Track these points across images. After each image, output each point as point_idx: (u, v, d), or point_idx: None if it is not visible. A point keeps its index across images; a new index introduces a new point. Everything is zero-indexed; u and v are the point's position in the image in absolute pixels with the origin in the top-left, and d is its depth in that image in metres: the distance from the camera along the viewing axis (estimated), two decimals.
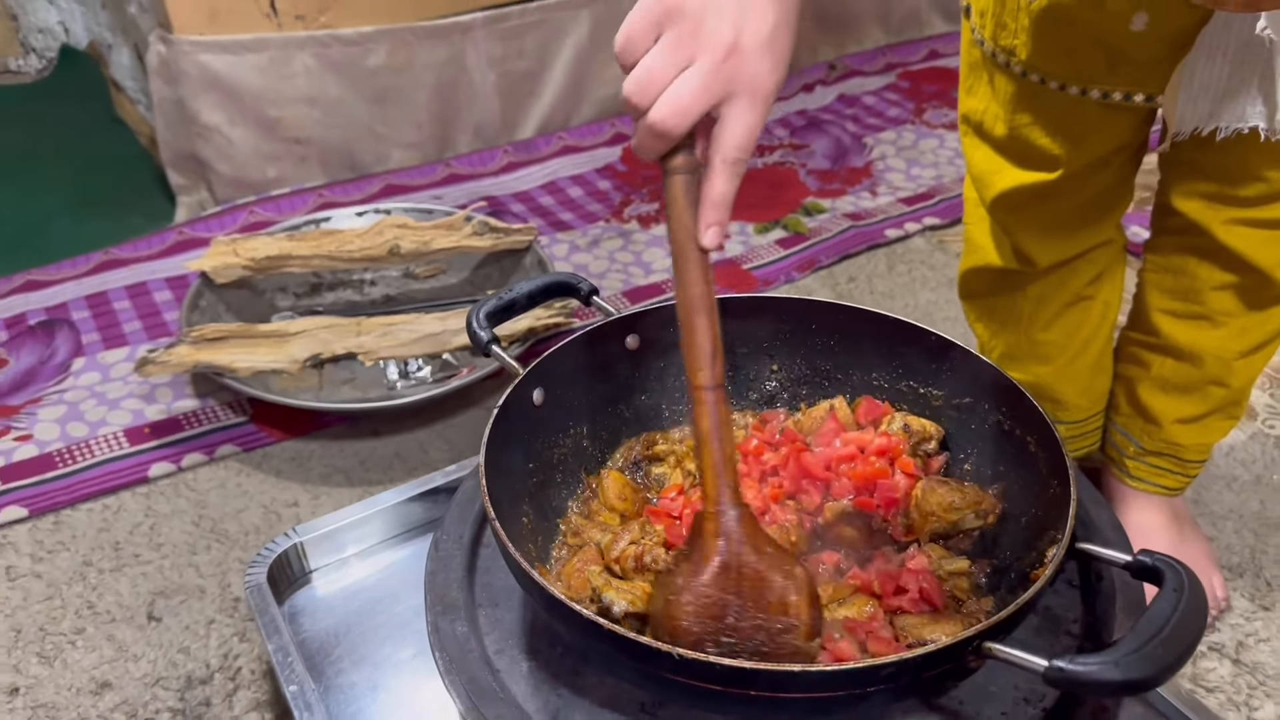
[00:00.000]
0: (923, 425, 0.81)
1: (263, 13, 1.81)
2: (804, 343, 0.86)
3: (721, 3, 0.63)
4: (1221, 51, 0.92)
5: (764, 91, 0.65)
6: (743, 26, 0.63)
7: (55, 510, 1.33)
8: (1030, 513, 0.72)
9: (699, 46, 0.63)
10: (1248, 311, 1.07)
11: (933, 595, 0.67)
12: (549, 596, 0.60)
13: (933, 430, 0.80)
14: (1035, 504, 0.71)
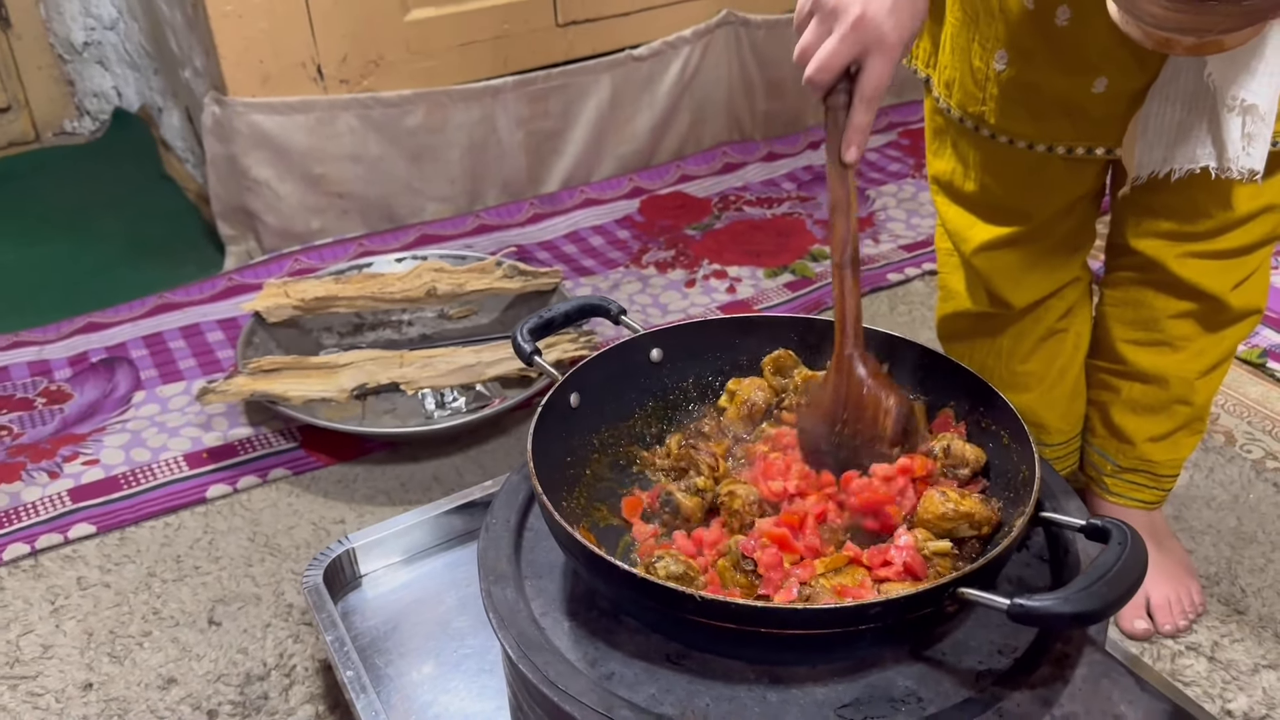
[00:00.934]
0: (963, 451, 0.87)
1: (310, 77, 1.96)
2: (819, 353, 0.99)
3: None
4: (1172, 100, 1.03)
5: (889, 46, 0.84)
6: (866, 3, 0.83)
7: (121, 527, 1.44)
8: (1005, 495, 0.82)
9: (835, 20, 0.84)
10: (1204, 335, 1.18)
11: (915, 568, 0.78)
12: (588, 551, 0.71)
13: (971, 458, 0.87)
14: (1009, 487, 0.82)
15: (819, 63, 0.85)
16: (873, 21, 0.83)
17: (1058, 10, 1.00)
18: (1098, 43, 1.00)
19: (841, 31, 0.83)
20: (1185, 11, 0.79)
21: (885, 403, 0.87)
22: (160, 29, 2.26)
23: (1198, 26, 0.82)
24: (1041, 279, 1.21)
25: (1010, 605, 0.65)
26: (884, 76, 0.85)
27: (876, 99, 0.86)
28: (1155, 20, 0.83)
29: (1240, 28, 0.82)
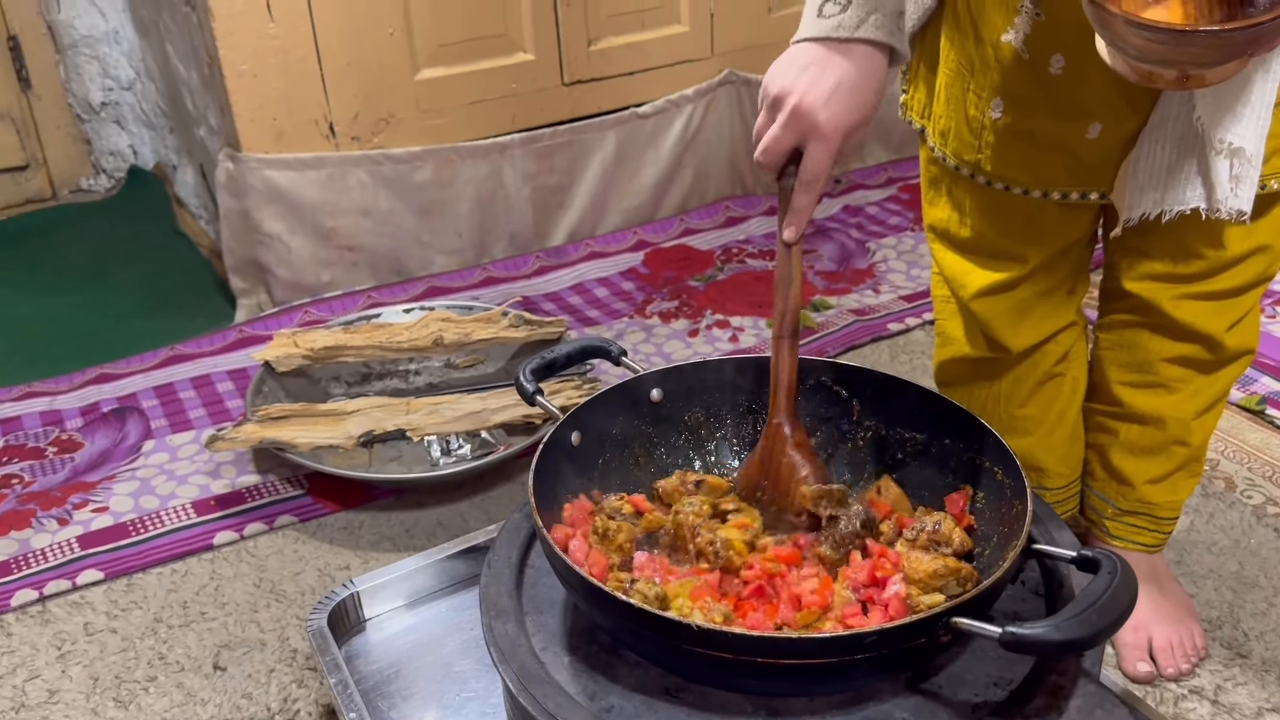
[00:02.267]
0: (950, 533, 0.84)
1: (322, 134, 2.01)
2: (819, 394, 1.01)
3: (791, 80, 0.90)
4: (1162, 144, 1.06)
5: (825, 136, 0.90)
6: (802, 93, 0.88)
7: (129, 574, 1.46)
8: (999, 530, 0.84)
9: (778, 109, 0.91)
10: (1200, 375, 1.20)
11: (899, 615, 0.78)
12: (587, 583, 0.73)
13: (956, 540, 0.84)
14: (1003, 522, 0.83)
15: (763, 147, 0.91)
16: (808, 112, 0.88)
17: (1052, 58, 1.03)
18: (1091, 89, 1.03)
19: (782, 120, 0.89)
20: (1166, 43, 0.82)
21: (799, 473, 0.91)
22: (176, 89, 2.32)
23: (1179, 59, 0.85)
24: (1038, 323, 1.23)
25: (1002, 633, 0.66)
26: (821, 163, 0.90)
27: (815, 183, 0.91)
28: (1139, 53, 0.86)
29: (1220, 61, 0.85)
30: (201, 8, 1.89)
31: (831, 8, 0.90)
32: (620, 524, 0.87)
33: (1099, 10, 0.84)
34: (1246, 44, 0.82)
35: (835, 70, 0.89)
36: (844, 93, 0.89)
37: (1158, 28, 0.82)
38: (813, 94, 0.88)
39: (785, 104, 0.90)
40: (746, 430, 1.02)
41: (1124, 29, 0.83)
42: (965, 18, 1.08)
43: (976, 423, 0.90)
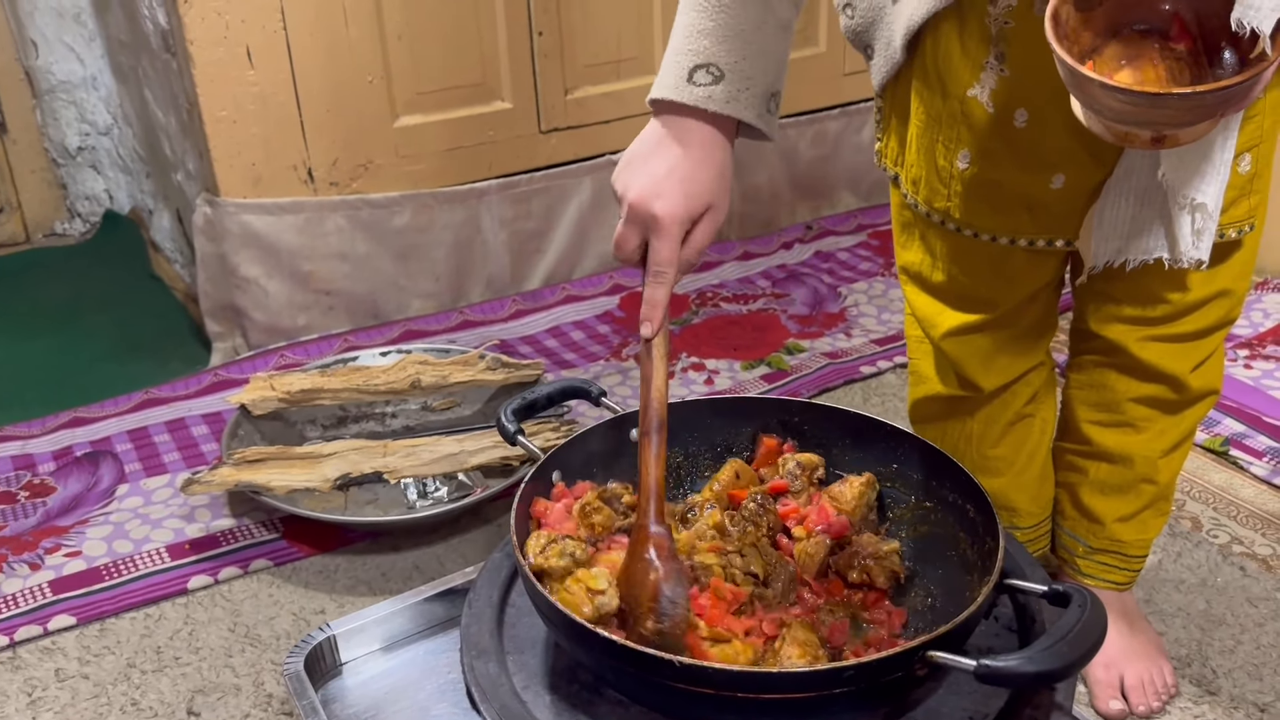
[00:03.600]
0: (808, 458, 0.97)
1: (301, 179, 2.03)
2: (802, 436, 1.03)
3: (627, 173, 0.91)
4: (1126, 196, 1.09)
5: (663, 228, 0.88)
6: (636, 187, 0.89)
7: (101, 619, 1.44)
8: (975, 564, 0.85)
9: (620, 206, 0.92)
10: (1165, 416, 1.23)
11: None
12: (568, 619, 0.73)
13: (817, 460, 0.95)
14: (976, 555, 0.85)
15: (615, 243, 0.93)
16: (641, 207, 0.88)
17: (1016, 112, 1.07)
18: (1055, 142, 1.07)
19: (623, 218, 0.91)
20: (1141, 105, 0.86)
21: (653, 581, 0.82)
22: (154, 134, 2.33)
23: (1153, 120, 0.89)
24: (1009, 363, 1.26)
25: (977, 666, 0.67)
26: (663, 254, 0.89)
27: (664, 274, 0.91)
28: (1114, 114, 0.89)
29: (1193, 122, 0.89)
30: (182, 54, 1.91)
31: (703, 76, 0.88)
32: (601, 506, 0.89)
33: (1074, 74, 0.87)
34: (1218, 105, 0.86)
35: (668, 157, 0.88)
36: (677, 180, 0.88)
37: (1132, 91, 0.86)
38: (648, 188, 0.88)
39: (624, 200, 0.90)
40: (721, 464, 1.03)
41: (1099, 93, 0.87)
42: (933, 73, 1.11)
43: (948, 460, 0.92)
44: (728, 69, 0.88)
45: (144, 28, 2.07)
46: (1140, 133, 0.90)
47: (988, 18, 1.04)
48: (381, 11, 1.99)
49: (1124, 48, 0.92)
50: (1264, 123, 1.08)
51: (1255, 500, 1.62)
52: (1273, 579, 1.46)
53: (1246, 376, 1.90)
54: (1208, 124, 0.91)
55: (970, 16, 1.05)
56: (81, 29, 2.54)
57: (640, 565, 0.83)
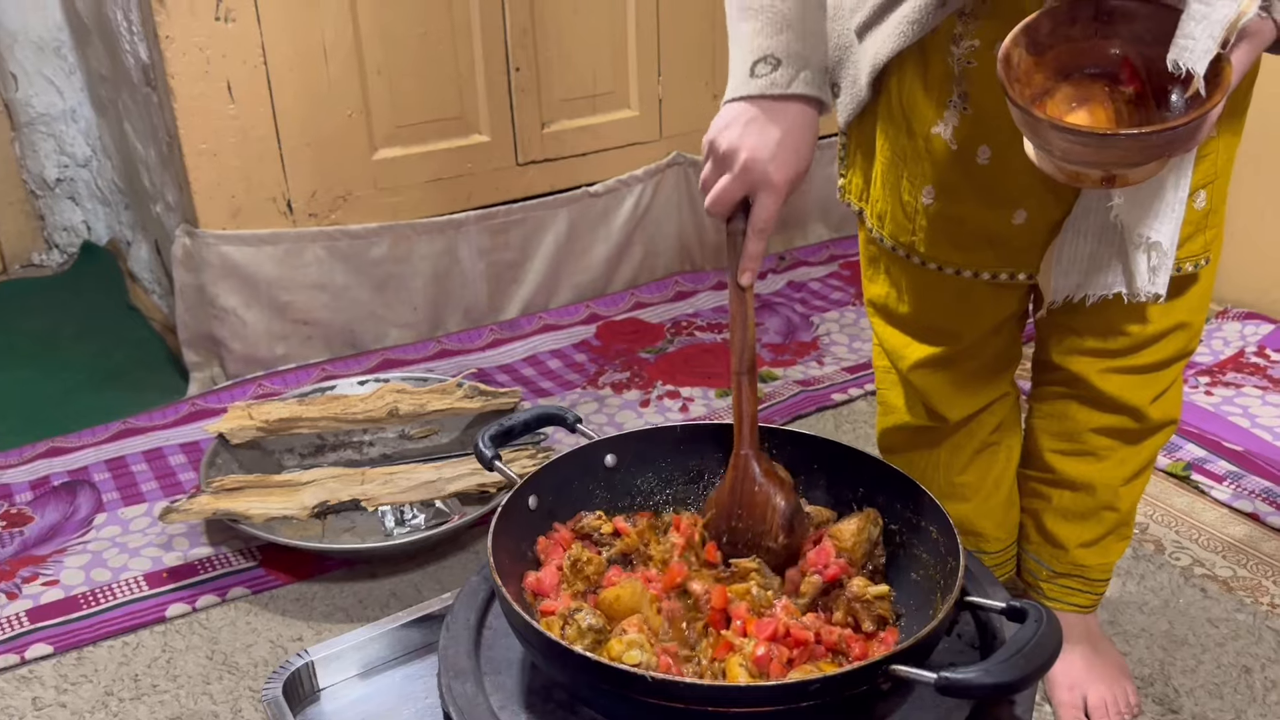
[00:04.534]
0: (819, 512, 1.01)
1: (280, 211, 2.06)
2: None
3: (735, 135, 0.96)
4: (1084, 234, 1.13)
5: (774, 185, 0.96)
6: (750, 148, 0.95)
7: (79, 647, 1.45)
8: (938, 583, 0.88)
9: (727, 164, 0.96)
10: (1125, 445, 1.26)
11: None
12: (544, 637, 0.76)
13: (828, 514, 1.00)
14: (940, 574, 0.88)
15: (714, 197, 0.97)
16: (758, 164, 0.94)
17: (979, 150, 1.11)
18: (1016, 179, 1.10)
19: (730, 175, 0.95)
20: (1090, 146, 0.90)
21: (774, 500, 0.95)
22: (133, 166, 2.35)
23: (1103, 160, 0.93)
24: (974, 394, 1.29)
25: (938, 679, 0.70)
26: (772, 210, 0.96)
27: (767, 229, 0.97)
28: (1064, 154, 0.93)
29: (1141, 162, 0.93)
30: (163, 88, 1.94)
31: (763, 68, 0.96)
32: (591, 556, 0.91)
33: (1027, 116, 0.91)
34: (1164, 146, 0.90)
35: (776, 125, 0.95)
36: (787, 145, 0.95)
37: (1081, 131, 0.90)
38: (760, 148, 0.94)
39: (736, 158, 0.95)
40: (696, 493, 1.06)
41: (1050, 133, 0.91)
42: (898, 110, 1.15)
43: (912, 484, 0.95)
44: (784, 56, 0.95)
45: (125, 62, 2.10)
46: (1090, 172, 0.94)
47: (950, 58, 1.08)
48: (361, 47, 2.03)
49: (1075, 90, 0.97)
50: (1218, 160, 1.12)
51: (1216, 524, 1.66)
52: (1233, 600, 1.50)
53: (1207, 403, 1.95)
54: (1156, 164, 0.95)
55: (934, 56, 1.10)
56: (61, 62, 2.56)
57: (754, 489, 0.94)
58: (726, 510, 1.00)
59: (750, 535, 0.97)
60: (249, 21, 1.91)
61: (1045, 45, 0.95)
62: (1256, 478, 1.72)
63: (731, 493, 0.99)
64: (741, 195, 0.97)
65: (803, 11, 0.96)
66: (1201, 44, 0.86)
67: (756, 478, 0.97)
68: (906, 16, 1.09)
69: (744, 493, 0.97)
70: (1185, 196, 1.07)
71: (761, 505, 0.96)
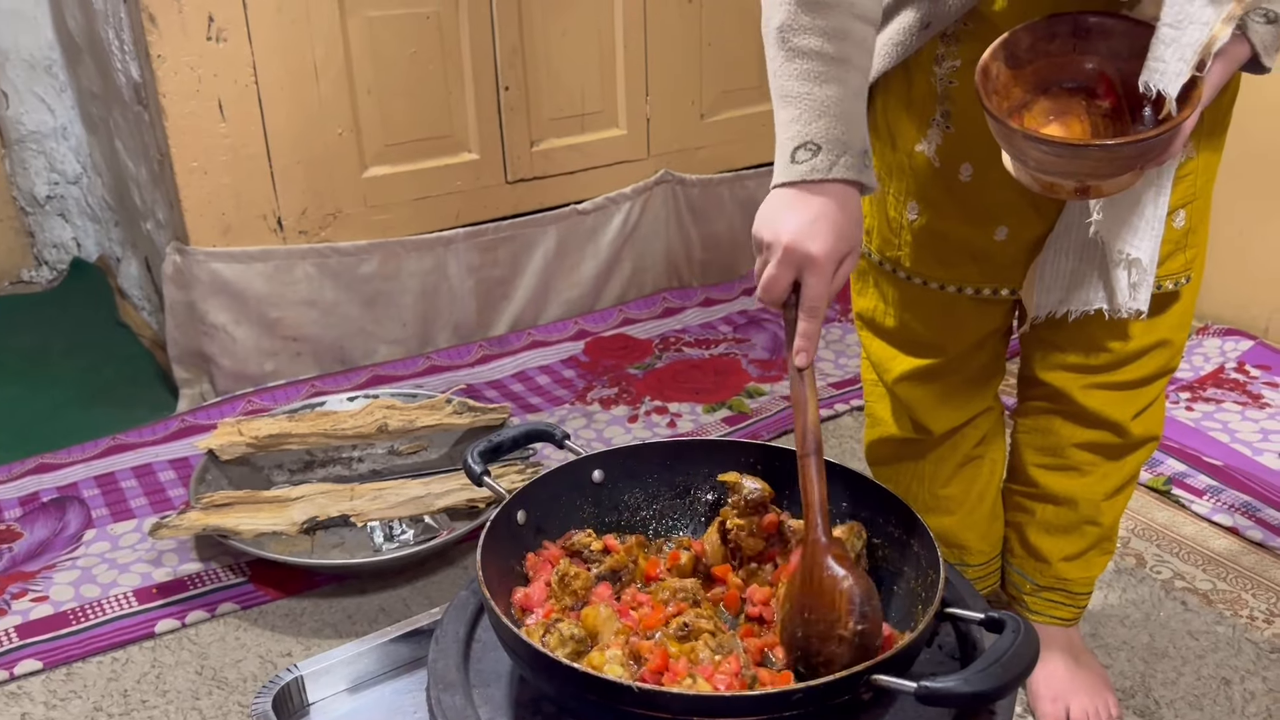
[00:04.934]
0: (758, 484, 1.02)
1: (270, 228, 2.07)
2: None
3: (776, 223, 0.95)
4: (1066, 251, 1.16)
5: (819, 266, 0.94)
6: (791, 232, 0.94)
7: (68, 663, 1.45)
8: (919, 595, 0.90)
9: (770, 252, 0.95)
10: (1107, 461, 1.28)
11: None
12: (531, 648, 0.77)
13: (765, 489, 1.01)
14: (921, 586, 0.90)
15: (764, 285, 0.97)
16: (799, 249, 0.94)
17: (961, 167, 1.13)
18: (998, 196, 1.13)
19: (778, 258, 0.95)
20: (1063, 157, 0.92)
21: (842, 585, 0.87)
22: (124, 183, 2.36)
23: (1076, 171, 0.95)
24: (958, 407, 1.32)
25: (918, 688, 0.71)
26: (819, 290, 0.95)
27: (819, 309, 0.96)
28: (1039, 165, 0.96)
29: (1114, 174, 0.95)
30: (154, 107, 1.95)
31: (804, 154, 0.96)
32: (579, 571, 0.92)
33: (1002, 126, 0.94)
34: (1135, 157, 0.93)
35: (814, 207, 0.95)
36: (825, 225, 0.95)
37: (1055, 142, 0.92)
38: (800, 230, 0.94)
39: (778, 245, 0.95)
40: (682, 508, 1.08)
41: (1024, 144, 0.93)
42: (884, 129, 1.18)
43: (893, 498, 0.97)
44: (823, 142, 0.95)
45: (116, 80, 2.11)
46: (1064, 183, 0.96)
47: (933, 77, 1.11)
48: (351, 67, 2.05)
49: (1053, 103, 0.99)
50: (1197, 180, 1.14)
51: (1196, 537, 1.68)
52: (1213, 613, 1.52)
53: (1188, 418, 1.98)
54: (1129, 176, 0.97)
55: (917, 76, 1.12)
56: (53, 80, 2.58)
57: (824, 575, 0.89)
58: (797, 601, 0.91)
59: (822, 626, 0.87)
60: (240, 41, 1.93)
61: (1024, 60, 0.98)
62: (1236, 492, 1.75)
63: (802, 582, 0.91)
64: (790, 280, 0.95)
65: (841, 96, 0.96)
66: (1172, 66, 0.89)
67: (826, 563, 0.89)
68: (891, 39, 1.11)
69: (814, 579, 0.90)
70: (1164, 214, 1.09)
71: (830, 592, 0.88)
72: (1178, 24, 0.91)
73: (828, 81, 0.96)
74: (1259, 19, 0.95)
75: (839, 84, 0.96)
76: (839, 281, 0.97)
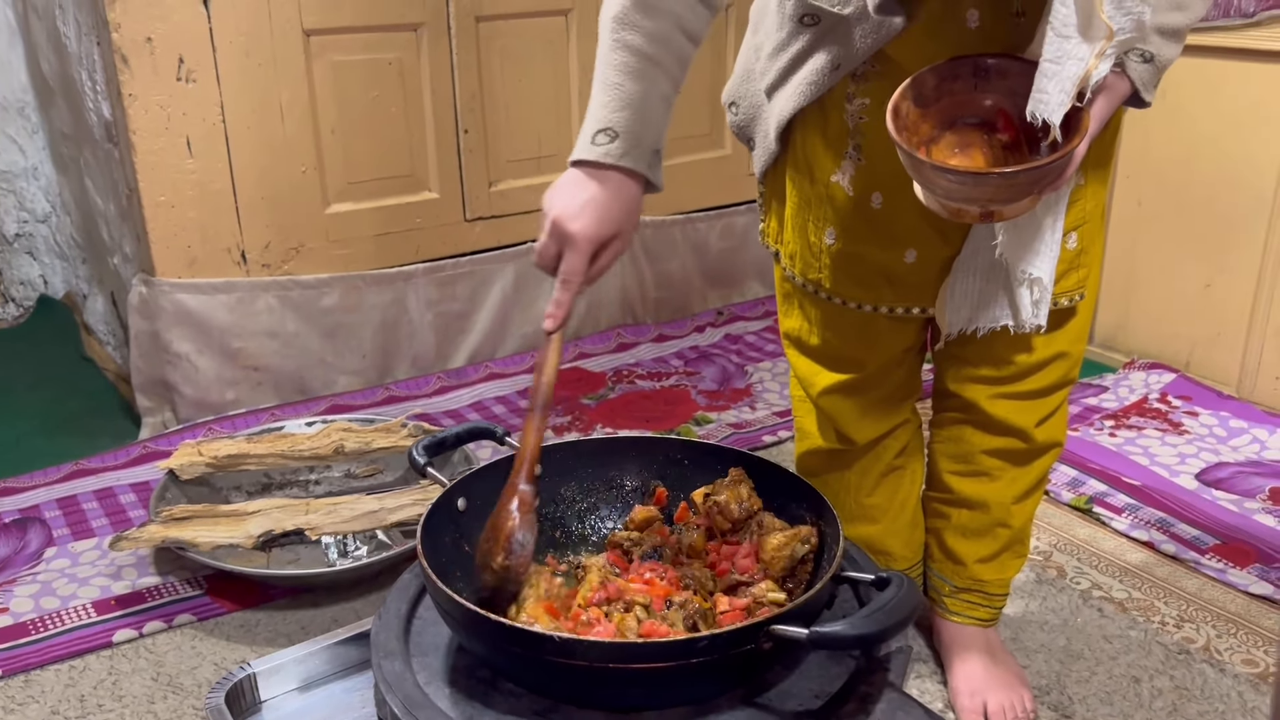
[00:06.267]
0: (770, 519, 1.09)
1: (234, 261, 2.15)
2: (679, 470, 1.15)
3: (554, 197, 1.06)
4: (973, 273, 1.26)
5: (577, 243, 1.04)
6: (559, 208, 1.05)
7: (26, 671, 1.49)
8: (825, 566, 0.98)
9: (543, 221, 1.06)
10: (1014, 466, 1.37)
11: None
12: (464, 608, 0.84)
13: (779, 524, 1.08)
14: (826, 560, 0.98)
15: (535, 253, 1.08)
16: (561, 225, 1.05)
17: (872, 195, 1.23)
18: (906, 221, 1.23)
19: (544, 233, 1.06)
20: (967, 184, 1.02)
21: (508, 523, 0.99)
22: (92, 220, 2.44)
23: (979, 197, 1.05)
24: (878, 419, 1.41)
25: (809, 634, 0.79)
26: (574, 265, 1.05)
27: (571, 283, 1.07)
28: (946, 193, 1.06)
29: (1013, 199, 1.05)
30: (125, 144, 2.04)
31: (602, 138, 1.06)
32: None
33: (911, 159, 1.04)
34: (1032, 183, 1.03)
35: (589, 190, 1.05)
36: (593, 208, 1.04)
37: (959, 171, 1.02)
38: (567, 210, 1.04)
39: (548, 217, 1.06)
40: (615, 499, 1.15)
41: (932, 174, 1.03)
42: (803, 161, 1.28)
43: (805, 485, 1.05)
44: (621, 131, 1.05)
45: (88, 119, 2.19)
46: (970, 208, 1.06)
47: (846, 114, 1.21)
48: (316, 108, 2.14)
49: (958, 137, 1.10)
50: (1086, 205, 1.25)
51: (1115, 551, 1.77)
52: (1126, 619, 1.60)
53: (1111, 443, 2.08)
54: (1028, 201, 1.07)
55: (831, 112, 1.23)
56: (25, 122, 2.65)
57: (502, 514, 0.98)
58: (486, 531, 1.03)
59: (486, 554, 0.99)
60: (209, 82, 2.02)
61: (931, 99, 1.09)
62: (1152, 509, 1.84)
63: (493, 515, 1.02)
64: (556, 251, 1.05)
65: (647, 95, 1.06)
66: (1054, 98, 0.99)
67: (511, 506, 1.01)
68: (806, 78, 1.22)
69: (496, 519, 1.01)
70: (1060, 238, 1.19)
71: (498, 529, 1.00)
72: (1057, 59, 1.02)
73: (640, 79, 1.06)
74: (1136, 59, 1.07)
75: (649, 83, 1.06)
76: (603, 263, 1.07)
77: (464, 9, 2.25)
